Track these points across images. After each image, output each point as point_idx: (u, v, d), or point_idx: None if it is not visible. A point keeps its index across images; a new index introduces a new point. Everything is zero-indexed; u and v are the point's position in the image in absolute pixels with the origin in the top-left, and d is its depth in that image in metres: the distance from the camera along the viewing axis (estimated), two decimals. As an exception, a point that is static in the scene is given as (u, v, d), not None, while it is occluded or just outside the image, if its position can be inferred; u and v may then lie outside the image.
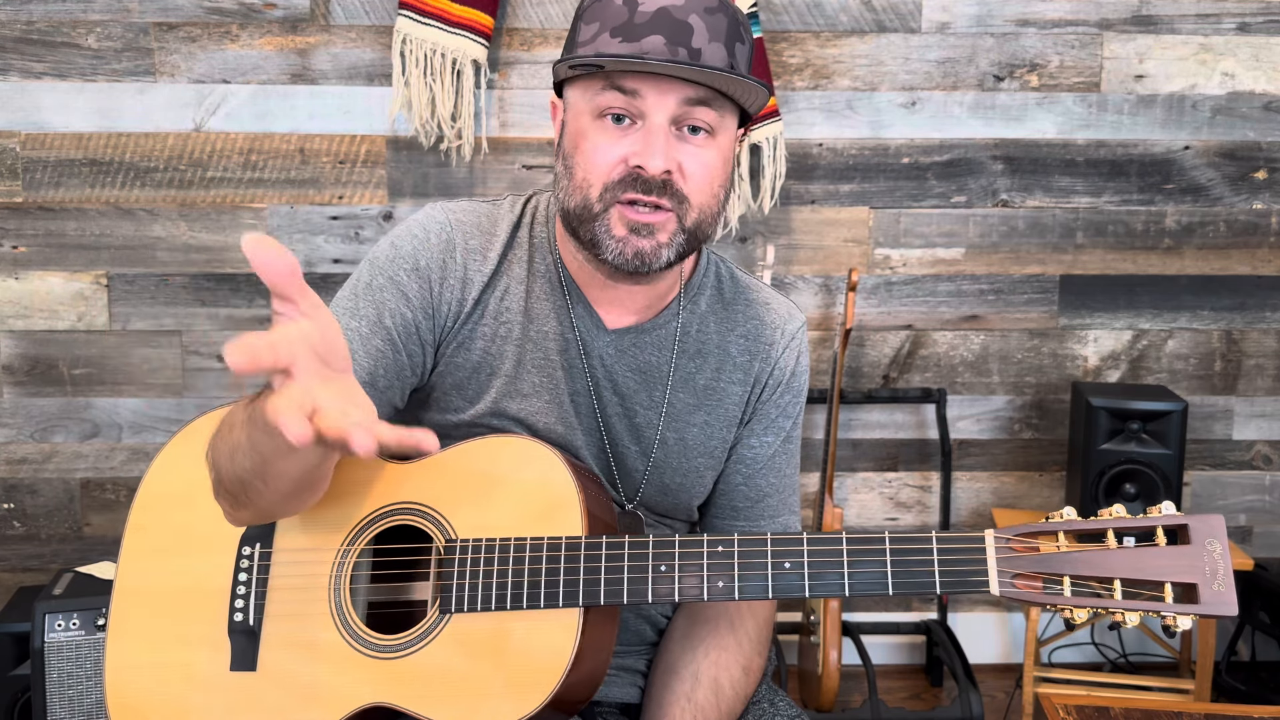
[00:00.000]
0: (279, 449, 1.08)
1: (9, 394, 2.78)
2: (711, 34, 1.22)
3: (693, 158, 1.26)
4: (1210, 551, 1.14)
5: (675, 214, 1.26)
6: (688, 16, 1.22)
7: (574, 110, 1.29)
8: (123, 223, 2.73)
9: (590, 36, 1.25)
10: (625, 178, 1.25)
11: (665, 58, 1.21)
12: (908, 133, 2.78)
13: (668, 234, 1.26)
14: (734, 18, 1.25)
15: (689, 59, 1.21)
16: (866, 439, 2.91)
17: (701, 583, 1.23)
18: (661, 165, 1.23)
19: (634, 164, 1.24)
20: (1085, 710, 1.62)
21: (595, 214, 1.26)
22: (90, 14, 2.65)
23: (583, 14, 1.28)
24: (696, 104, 1.24)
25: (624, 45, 1.22)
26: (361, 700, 1.26)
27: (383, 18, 2.67)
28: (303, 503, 1.27)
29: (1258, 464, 2.94)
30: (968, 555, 1.18)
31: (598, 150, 1.26)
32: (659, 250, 1.27)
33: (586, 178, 1.27)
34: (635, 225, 1.25)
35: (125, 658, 1.33)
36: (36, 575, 2.83)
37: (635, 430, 1.40)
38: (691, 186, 1.26)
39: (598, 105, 1.25)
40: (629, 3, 1.23)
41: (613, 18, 1.23)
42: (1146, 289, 2.87)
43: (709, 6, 1.23)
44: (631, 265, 1.27)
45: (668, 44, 1.21)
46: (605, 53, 1.22)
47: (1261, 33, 2.77)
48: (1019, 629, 2.98)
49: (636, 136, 1.24)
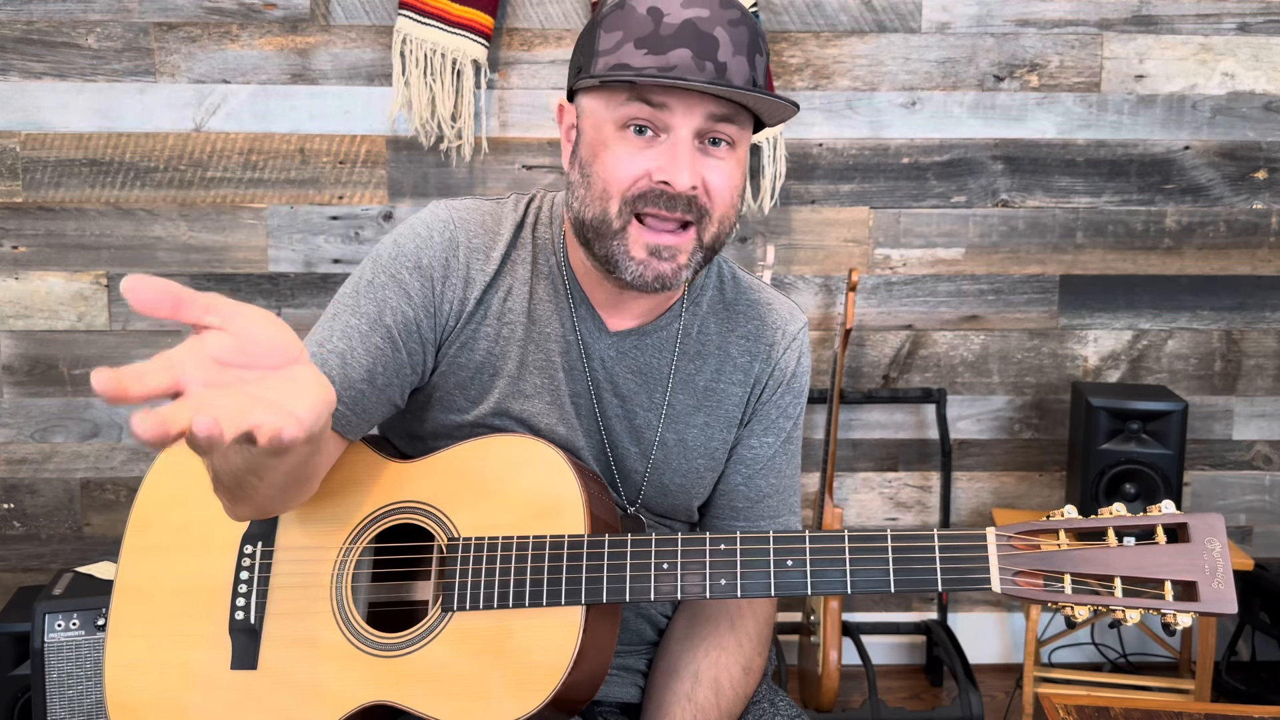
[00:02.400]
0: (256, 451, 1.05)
1: (9, 394, 2.78)
2: (736, 47, 1.22)
3: (715, 170, 1.25)
4: (1210, 550, 1.14)
5: (696, 230, 1.25)
6: (713, 29, 1.21)
7: (593, 119, 1.27)
8: (123, 223, 2.73)
9: (613, 45, 1.23)
10: (648, 192, 1.23)
11: (692, 71, 1.20)
12: (908, 133, 2.78)
13: (687, 254, 1.26)
14: (754, 29, 1.24)
15: (715, 73, 1.20)
16: (866, 439, 2.91)
17: (704, 580, 1.23)
18: (688, 181, 1.22)
19: (659, 179, 1.23)
20: (1085, 710, 1.62)
21: (614, 230, 1.25)
22: (90, 14, 2.65)
23: (601, 22, 1.26)
24: (721, 119, 1.23)
25: (650, 58, 1.20)
26: (362, 698, 1.26)
27: (383, 18, 2.67)
28: (300, 496, 1.27)
29: (1258, 464, 2.95)
30: (969, 553, 1.18)
31: (620, 162, 1.24)
32: (679, 272, 1.26)
33: (606, 189, 1.25)
34: (655, 248, 1.25)
35: (125, 657, 1.33)
36: (36, 575, 2.83)
37: (635, 432, 1.40)
38: (715, 201, 1.25)
39: (621, 116, 1.23)
40: (654, 13, 1.21)
41: (637, 27, 1.22)
42: (1146, 289, 2.87)
43: (732, 19, 1.22)
44: (651, 288, 1.27)
45: (695, 58, 1.20)
46: (630, 64, 1.21)
47: (1261, 33, 2.77)
48: (1019, 629, 2.98)
49: (660, 150, 1.23)
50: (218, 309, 0.90)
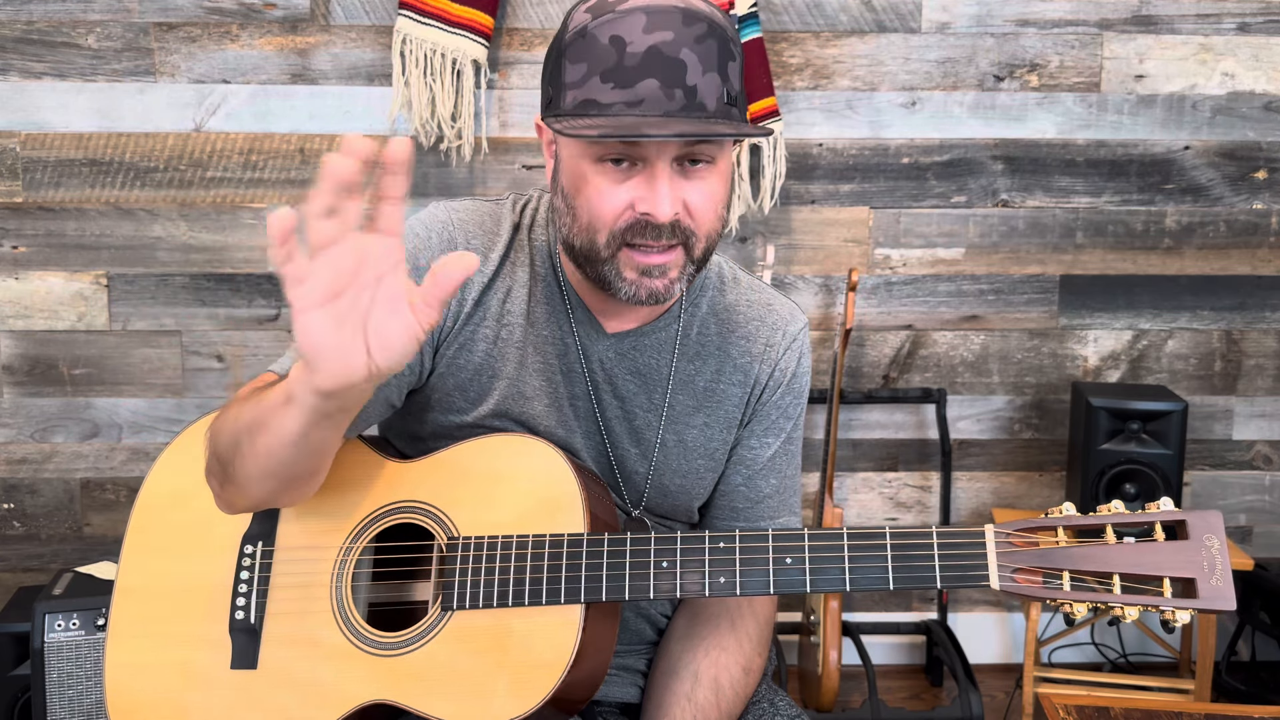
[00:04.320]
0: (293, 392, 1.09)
1: (9, 394, 2.78)
2: (705, 65, 1.19)
3: (696, 191, 1.23)
4: (1208, 546, 1.14)
5: (683, 249, 1.25)
6: (679, 52, 1.18)
7: (569, 149, 1.26)
8: (123, 223, 2.73)
9: (579, 79, 1.20)
10: (634, 224, 1.23)
11: (661, 102, 1.17)
12: (908, 133, 2.78)
13: (678, 270, 1.26)
14: (723, 37, 1.21)
15: (685, 99, 1.18)
16: (866, 439, 2.91)
17: (703, 578, 1.23)
18: (669, 211, 1.21)
19: (642, 210, 1.22)
20: (1085, 710, 1.62)
21: (604, 258, 1.25)
22: (90, 14, 2.65)
23: (565, 51, 1.23)
24: (697, 142, 1.21)
25: (616, 92, 1.18)
26: (363, 698, 1.26)
27: (383, 18, 2.68)
28: (296, 488, 1.24)
29: (1258, 464, 2.95)
30: (968, 550, 1.18)
31: (602, 197, 1.23)
32: (671, 286, 1.26)
33: (592, 224, 1.24)
34: (646, 268, 1.24)
35: (125, 657, 1.33)
36: (36, 575, 2.83)
37: (635, 433, 1.40)
38: (698, 220, 1.24)
39: (596, 152, 1.22)
40: (616, 42, 1.18)
41: (601, 59, 1.19)
42: (1146, 289, 2.87)
43: (698, 35, 1.19)
44: (647, 303, 1.27)
45: (663, 87, 1.17)
46: (597, 99, 1.18)
47: (1261, 33, 2.77)
48: (1019, 629, 2.98)
49: (639, 180, 1.22)
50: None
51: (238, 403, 1.23)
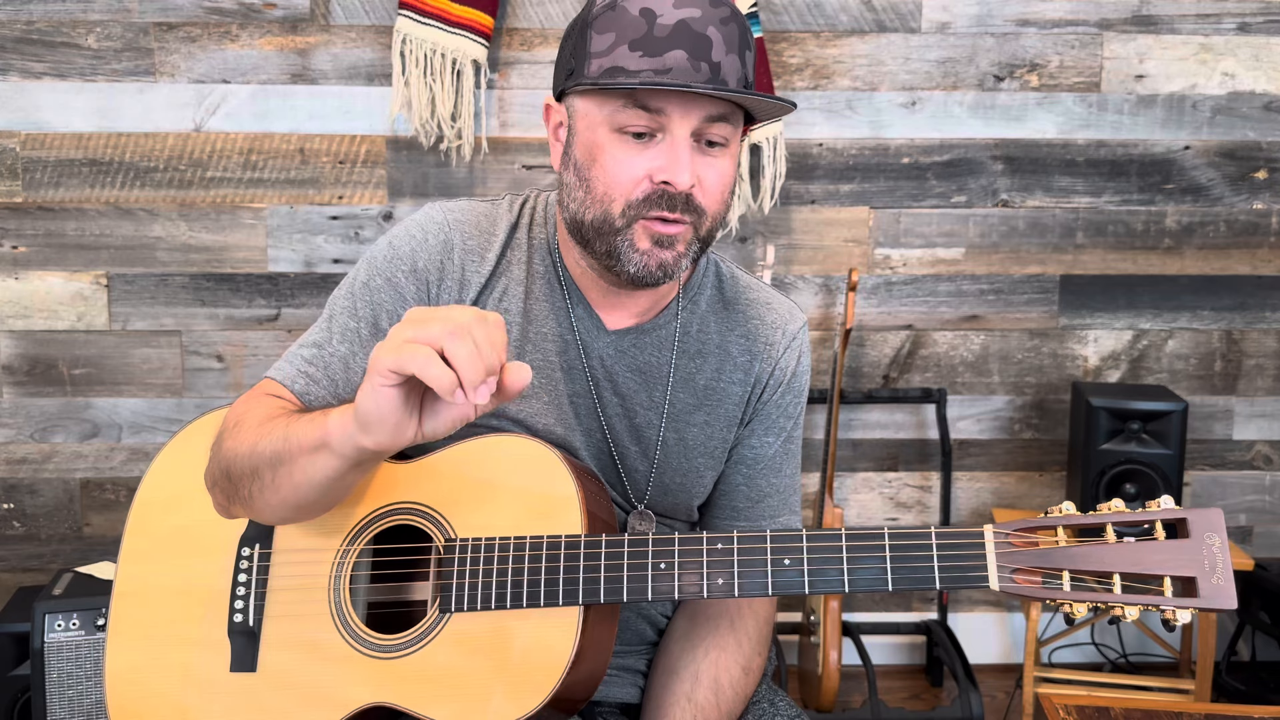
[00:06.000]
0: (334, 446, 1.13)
1: (9, 394, 2.78)
2: (728, 45, 1.23)
3: (711, 169, 1.26)
4: (1209, 545, 1.14)
5: (693, 225, 1.27)
6: (706, 29, 1.22)
7: (586, 120, 1.27)
8: (122, 223, 2.73)
9: (606, 48, 1.23)
10: (651, 195, 1.25)
11: (688, 73, 1.21)
12: (908, 133, 2.78)
13: (685, 244, 1.28)
14: (742, 25, 1.25)
15: (710, 73, 1.21)
16: (866, 439, 2.91)
17: (701, 580, 1.23)
18: (688, 180, 1.23)
19: (660, 179, 1.23)
20: (1085, 710, 1.62)
21: (618, 228, 1.26)
22: (90, 14, 2.65)
23: (593, 22, 1.25)
24: (717, 120, 1.24)
25: (645, 60, 1.21)
26: (361, 700, 1.26)
27: (383, 18, 2.67)
28: (314, 514, 1.27)
29: (1258, 464, 2.94)
30: (967, 550, 1.18)
31: (620, 166, 1.25)
32: (679, 260, 1.28)
33: (608, 193, 1.26)
34: (659, 237, 1.26)
35: (125, 658, 1.33)
36: (36, 575, 2.83)
37: (636, 431, 1.40)
38: (708, 199, 1.27)
39: (618, 121, 1.24)
40: (646, 14, 1.22)
41: (630, 29, 1.22)
42: (1146, 289, 2.87)
43: (723, 17, 1.23)
44: (655, 277, 1.28)
45: (690, 59, 1.21)
46: (625, 66, 1.21)
47: (1261, 33, 2.77)
48: (1019, 629, 2.98)
49: (658, 151, 1.24)
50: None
51: (251, 425, 1.24)
